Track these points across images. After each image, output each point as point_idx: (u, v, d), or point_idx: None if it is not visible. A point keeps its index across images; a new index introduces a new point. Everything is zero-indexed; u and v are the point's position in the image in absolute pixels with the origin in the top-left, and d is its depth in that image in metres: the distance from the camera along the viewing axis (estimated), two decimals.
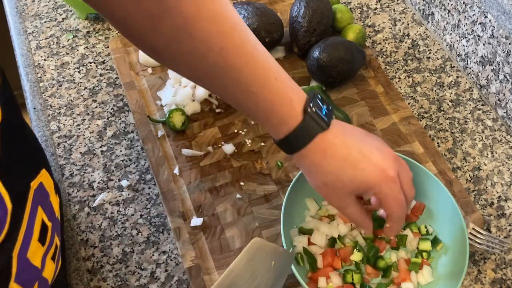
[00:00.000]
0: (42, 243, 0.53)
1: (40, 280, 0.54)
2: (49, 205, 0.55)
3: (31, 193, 0.50)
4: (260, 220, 0.75)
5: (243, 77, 0.56)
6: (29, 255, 0.50)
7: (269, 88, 0.57)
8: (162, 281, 0.72)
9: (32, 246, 0.51)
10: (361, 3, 1.05)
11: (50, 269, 0.57)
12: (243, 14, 0.88)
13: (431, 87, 0.93)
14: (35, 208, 0.51)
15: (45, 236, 0.54)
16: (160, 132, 0.83)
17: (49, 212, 0.55)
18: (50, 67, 0.93)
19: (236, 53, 0.55)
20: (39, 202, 0.52)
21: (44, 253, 0.54)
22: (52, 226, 0.56)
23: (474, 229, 0.74)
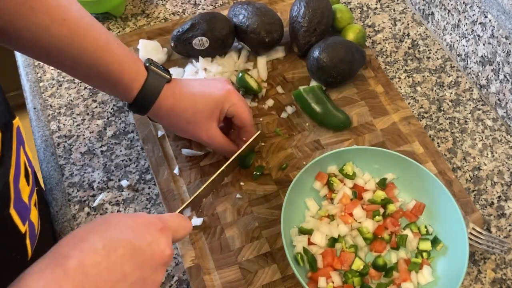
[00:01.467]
0: (27, 182, 0.55)
1: (29, 221, 0.56)
2: (26, 153, 0.57)
3: (14, 130, 0.52)
4: (260, 220, 0.75)
5: (88, 43, 0.63)
6: (20, 187, 0.52)
7: (113, 51, 0.65)
8: (162, 281, 0.72)
9: (21, 180, 0.52)
10: (361, 3, 1.05)
11: (34, 215, 0.58)
12: (243, 14, 0.88)
13: (431, 87, 0.93)
14: (19, 146, 0.53)
15: (28, 177, 0.55)
16: (160, 132, 0.83)
17: (28, 159, 0.57)
18: (50, 67, 0.93)
19: (77, 23, 0.62)
20: (20, 143, 0.54)
21: (29, 194, 0.55)
22: (32, 173, 0.58)
23: (474, 229, 0.74)
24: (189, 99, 0.70)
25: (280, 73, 0.91)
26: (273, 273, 0.71)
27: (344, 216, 0.73)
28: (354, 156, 0.77)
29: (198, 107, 0.70)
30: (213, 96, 0.71)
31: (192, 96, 0.70)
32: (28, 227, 0.55)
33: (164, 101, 0.69)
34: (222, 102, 0.71)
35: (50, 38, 0.61)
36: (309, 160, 0.80)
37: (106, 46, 0.65)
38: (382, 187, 0.76)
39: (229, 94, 0.72)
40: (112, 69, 0.65)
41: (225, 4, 1.02)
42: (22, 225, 0.53)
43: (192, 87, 0.71)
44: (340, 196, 0.74)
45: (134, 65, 0.67)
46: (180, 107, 0.69)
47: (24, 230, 0.54)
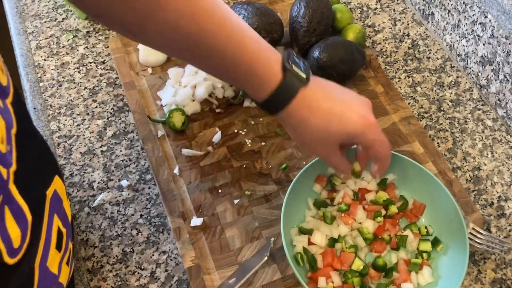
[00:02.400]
0: (58, 250, 0.52)
1: (57, 285, 0.54)
2: (63, 211, 0.54)
3: (48, 202, 0.50)
4: (260, 220, 0.75)
5: (218, 40, 0.57)
6: (48, 264, 0.50)
7: (245, 49, 0.58)
8: (162, 281, 0.72)
9: (51, 254, 0.50)
10: (361, 3, 1.05)
11: (65, 274, 0.56)
12: (243, 14, 0.88)
13: (431, 87, 0.93)
14: (52, 216, 0.51)
15: (61, 242, 0.53)
16: (160, 132, 0.83)
17: (63, 218, 0.54)
18: (50, 67, 0.93)
19: (207, 18, 0.56)
20: (55, 210, 0.52)
21: (60, 259, 0.53)
22: (67, 232, 0.55)
23: (474, 229, 0.74)
24: (325, 119, 0.61)
25: None
26: (273, 273, 0.71)
27: (344, 217, 0.73)
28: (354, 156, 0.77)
29: (331, 130, 0.62)
30: (350, 125, 0.62)
31: (328, 116, 0.61)
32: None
33: (297, 110, 0.61)
34: (358, 134, 0.62)
35: (178, 35, 0.56)
36: (309, 160, 0.80)
37: (238, 44, 0.58)
38: (383, 187, 0.76)
39: (368, 128, 0.63)
40: (243, 70, 0.59)
41: None
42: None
43: (331, 103, 0.62)
44: (341, 196, 0.74)
45: (267, 65, 0.59)
46: (312, 124, 0.61)
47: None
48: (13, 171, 0.42)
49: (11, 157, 0.42)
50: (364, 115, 0.62)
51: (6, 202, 0.40)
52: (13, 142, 0.43)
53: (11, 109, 0.44)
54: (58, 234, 0.52)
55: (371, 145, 0.64)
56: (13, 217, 0.41)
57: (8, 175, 0.41)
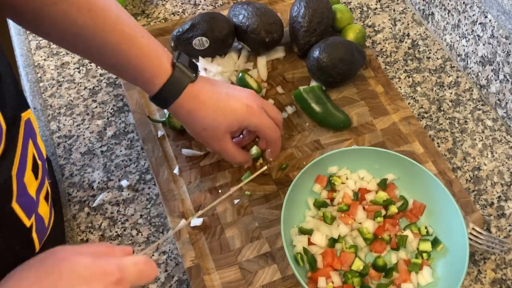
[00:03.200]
0: (35, 176, 0.54)
1: (36, 215, 0.55)
2: (37, 145, 0.57)
3: (22, 123, 0.52)
4: (260, 220, 0.75)
5: (112, 36, 0.63)
6: (26, 181, 0.52)
7: (137, 44, 0.65)
8: (162, 281, 0.72)
9: (27, 174, 0.52)
10: (361, 3, 1.05)
11: (44, 209, 0.58)
12: (243, 14, 0.88)
13: (431, 87, 0.93)
14: (27, 139, 0.53)
15: (37, 170, 0.55)
16: (160, 132, 0.83)
17: (38, 151, 0.57)
18: (50, 67, 0.93)
19: (103, 14, 0.62)
20: (29, 136, 0.54)
21: (37, 187, 0.55)
22: (42, 166, 0.57)
23: (474, 229, 0.74)
24: (211, 109, 0.68)
25: (280, 73, 0.91)
26: (273, 273, 0.71)
27: (344, 217, 0.73)
28: (354, 157, 0.77)
29: (218, 119, 0.69)
30: (234, 112, 0.69)
31: (214, 106, 0.69)
32: (35, 221, 0.55)
33: (185, 103, 0.68)
34: (242, 120, 0.70)
35: (76, 28, 0.61)
36: (309, 160, 0.80)
37: (131, 40, 0.64)
38: (383, 187, 0.76)
39: (252, 112, 0.70)
40: (135, 64, 0.65)
41: (225, 4, 1.02)
42: (27, 219, 0.53)
43: (218, 95, 0.70)
44: (341, 196, 0.74)
45: (158, 60, 0.66)
46: (201, 114, 0.68)
47: (29, 223, 0.53)
48: None
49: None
50: (247, 103, 0.70)
51: None
52: None
53: None
54: (34, 161, 0.54)
55: (258, 129, 0.71)
56: None
57: None
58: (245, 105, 0.70)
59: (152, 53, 0.66)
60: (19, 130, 0.51)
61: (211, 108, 0.68)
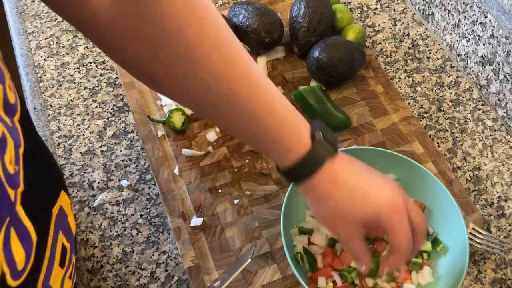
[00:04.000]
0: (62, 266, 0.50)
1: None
2: (68, 226, 0.52)
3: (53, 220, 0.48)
4: (260, 220, 0.75)
5: (249, 104, 0.54)
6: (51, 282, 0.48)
7: (275, 115, 0.56)
8: (162, 281, 0.72)
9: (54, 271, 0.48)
10: (361, 3, 1.05)
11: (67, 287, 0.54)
12: (243, 14, 0.88)
13: (431, 87, 0.93)
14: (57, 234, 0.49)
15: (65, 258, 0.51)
16: (160, 132, 0.83)
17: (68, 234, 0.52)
18: (50, 67, 0.93)
19: (241, 82, 0.53)
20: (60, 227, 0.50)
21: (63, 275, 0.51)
22: (70, 246, 0.53)
23: (474, 229, 0.74)
24: (349, 195, 0.58)
25: (280, 73, 0.91)
26: (273, 273, 0.71)
27: None
28: (354, 156, 0.77)
29: (354, 205, 0.58)
30: (374, 205, 0.58)
31: (353, 191, 0.58)
32: None
33: (320, 183, 0.58)
34: (383, 215, 0.58)
35: (209, 95, 0.53)
36: None
37: (268, 109, 0.55)
38: None
39: (394, 211, 0.59)
40: (271, 136, 0.56)
41: (225, 4, 1.02)
42: None
43: (357, 180, 0.59)
44: None
45: (297, 133, 0.57)
46: (334, 198, 0.58)
47: None
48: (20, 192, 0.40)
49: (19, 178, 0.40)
50: (391, 197, 0.59)
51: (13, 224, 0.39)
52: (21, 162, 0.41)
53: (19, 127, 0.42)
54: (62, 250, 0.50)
55: (392, 229, 0.59)
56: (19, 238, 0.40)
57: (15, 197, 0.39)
58: (390, 199, 0.59)
59: (290, 123, 0.57)
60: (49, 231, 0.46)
61: (348, 192, 0.58)
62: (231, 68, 0.53)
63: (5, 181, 0.38)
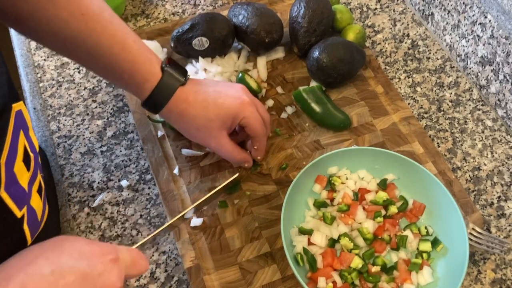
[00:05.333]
0: (26, 167, 0.54)
1: (29, 207, 0.55)
2: (29, 138, 0.57)
3: (13, 113, 0.52)
4: (260, 220, 0.75)
5: (104, 39, 0.63)
6: (16, 170, 0.51)
7: (128, 49, 0.65)
8: (162, 281, 0.72)
9: (18, 164, 0.52)
10: (361, 3, 1.05)
11: (36, 202, 0.57)
12: (243, 14, 0.88)
13: (431, 87, 0.93)
14: (17, 130, 0.53)
15: (29, 162, 0.55)
16: (160, 132, 0.83)
17: (31, 144, 0.57)
18: (50, 67, 0.93)
19: (95, 18, 0.63)
20: (20, 127, 0.54)
21: (29, 179, 0.55)
22: (34, 158, 0.57)
23: (474, 229, 0.74)
24: (201, 107, 0.69)
25: (280, 74, 0.91)
26: (273, 273, 0.71)
27: (344, 217, 0.73)
28: (354, 157, 0.77)
29: (209, 116, 0.69)
30: (225, 107, 0.69)
31: (205, 104, 0.69)
32: (27, 212, 0.55)
33: (175, 105, 0.68)
34: (234, 114, 0.70)
35: (67, 31, 0.62)
36: (309, 161, 0.80)
37: (122, 44, 0.65)
38: (383, 187, 0.76)
39: (242, 106, 0.70)
40: (126, 68, 0.66)
41: (225, 4, 1.02)
42: (18, 210, 0.53)
43: (206, 93, 0.70)
44: (341, 196, 0.74)
45: (149, 64, 0.67)
46: (191, 114, 0.69)
47: (20, 214, 0.53)
48: None
49: None
50: (238, 96, 0.70)
51: None
52: None
53: None
54: (25, 152, 0.54)
55: (246, 121, 0.71)
56: None
57: None
58: (236, 98, 0.70)
59: (143, 56, 0.67)
60: (9, 120, 0.51)
61: (201, 107, 0.69)
62: (86, 6, 0.62)
63: None
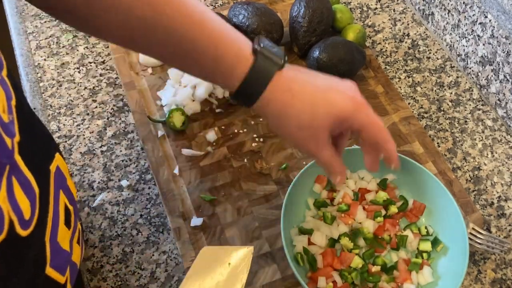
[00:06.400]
0: (68, 226, 0.51)
1: (71, 264, 0.53)
2: (68, 189, 0.53)
3: (52, 177, 0.48)
4: (260, 220, 0.75)
5: (176, 23, 0.52)
6: (59, 239, 0.49)
7: (207, 30, 0.53)
8: (162, 281, 0.72)
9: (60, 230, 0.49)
10: (361, 3, 1.05)
11: (77, 253, 0.55)
12: (243, 14, 0.88)
13: (431, 87, 0.93)
14: (57, 191, 0.49)
15: (70, 219, 0.51)
16: (160, 132, 0.83)
17: (69, 196, 0.53)
18: (50, 67, 0.93)
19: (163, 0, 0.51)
20: (60, 185, 0.50)
21: (70, 237, 0.52)
22: (74, 210, 0.53)
23: (474, 229, 0.74)
24: (310, 102, 0.55)
25: None
26: (273, 273, 0.71)
27: (344, 217, 0.73)
28: (355, 156, 0.77)
29: (318, 114, 0.55)
30: (339, 105, 0.56)
31: (313, 97, 0.55)
32: (69, 272, 0.52)
33: (275, 96, 0.55)
34: (348, 116, 0.56)
35: (133, 20, 0.51)
36: (309, 160, 0.80)
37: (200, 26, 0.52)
38: (383, 187, 0.76)
39: (359, 107, 0.57)
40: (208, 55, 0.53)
41: (225, 4, 1.02)
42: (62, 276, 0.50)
43: (314, 85, 0.56)
44: (341, 196, 0.74)
45: (235, 48, 0.54)
46: (296, 108, 0.55)
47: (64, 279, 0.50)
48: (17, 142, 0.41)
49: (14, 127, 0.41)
50: (352, 95, 0.57)
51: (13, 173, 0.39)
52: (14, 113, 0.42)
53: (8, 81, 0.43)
54: (66, 211, 0.50)
55: (364, 127, 0.57)
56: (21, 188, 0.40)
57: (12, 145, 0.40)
58: (350, 97, 0.56)
59: (226, 38, 0.53)
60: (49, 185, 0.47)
61: (309, 102, 0.55)
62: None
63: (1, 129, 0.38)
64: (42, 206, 0.44)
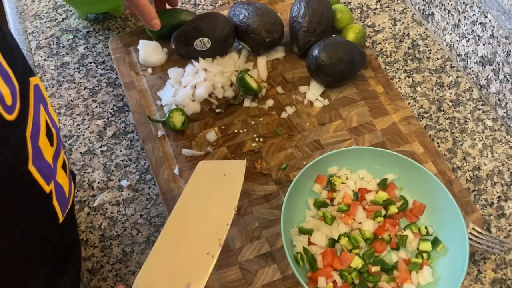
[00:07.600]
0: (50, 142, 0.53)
1: (55, 182, 0.54)
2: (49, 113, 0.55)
3: (32, 87, 0.51)
4: (260, 220, 0.75)
5: None
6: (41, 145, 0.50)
7: None
8: None
9: (41, 138, 0.51)
10: (361, 3, 1.05)
11: (62, 178, 0.56)
12: (244, 14, 0.88)
13: (431, 87, 0.93)
14: (37, 104, 0.51)
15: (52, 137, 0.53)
16: (160, 132, 0.83)
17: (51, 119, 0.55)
18: (50, 67, 0.93)
19: None
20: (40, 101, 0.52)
21: (53, 155, 0.54)
22: (57, 133, 0.56)
23: (474, 229, 0.74)
24: None
25: (280, 73, 0.91)
26: (273, 273, 0.71)
27: (344, 217, 0.73)
28: (354, 157, 0.77)
29: None
30: None
31: None
32: (54, 188, 0.54)
33: None
34: None
35: None
36: (309, 160, 0.80)
37: None
38: (383, 187, 0.76)
39: None
40: None
41: (225, 4, 1.02)
42: (46, 185, 0.51)
43: None
44: (341, 196, 0.74)
45: None
46: None
47: (48, 190, 0.52)
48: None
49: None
50: None
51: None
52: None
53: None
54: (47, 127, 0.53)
55: None
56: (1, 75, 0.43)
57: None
58: None
59: None
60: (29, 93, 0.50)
61: None
62: None
63: None
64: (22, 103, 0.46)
